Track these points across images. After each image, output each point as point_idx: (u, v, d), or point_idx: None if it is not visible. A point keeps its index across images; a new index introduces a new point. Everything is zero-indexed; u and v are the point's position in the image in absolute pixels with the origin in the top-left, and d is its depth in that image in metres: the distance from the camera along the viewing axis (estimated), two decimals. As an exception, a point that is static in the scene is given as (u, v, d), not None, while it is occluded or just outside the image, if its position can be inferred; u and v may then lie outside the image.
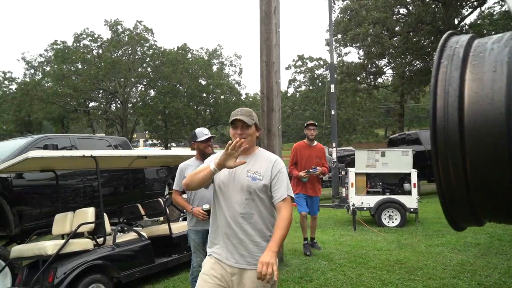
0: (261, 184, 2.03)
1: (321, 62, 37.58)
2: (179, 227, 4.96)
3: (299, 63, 38.78)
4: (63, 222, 4.18)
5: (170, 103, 30.98)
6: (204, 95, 34.87)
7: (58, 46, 32.29)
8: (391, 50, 23.21)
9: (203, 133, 3.47)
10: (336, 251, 5.37)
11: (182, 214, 5.51)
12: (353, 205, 7.20)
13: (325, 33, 31.40)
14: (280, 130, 4.98)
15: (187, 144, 44.24)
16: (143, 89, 34.77)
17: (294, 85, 39.88)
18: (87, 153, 4.08)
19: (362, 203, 7.27)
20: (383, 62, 26.04)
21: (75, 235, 3.91)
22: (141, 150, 15.42)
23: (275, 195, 2.04)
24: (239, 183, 2.04)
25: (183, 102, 32.34)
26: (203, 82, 34.54)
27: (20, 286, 3.83)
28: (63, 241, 3.81)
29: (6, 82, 38.41)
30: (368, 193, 7.38)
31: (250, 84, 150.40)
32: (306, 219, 5.46)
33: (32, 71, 34.94)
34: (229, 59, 37.16)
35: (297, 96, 40.09)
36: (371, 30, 20.80)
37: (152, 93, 34.09)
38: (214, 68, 36.07)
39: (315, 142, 5.56)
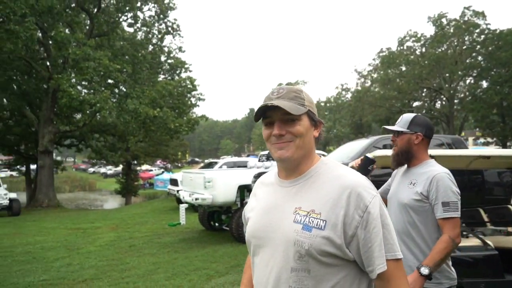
0: (321, 239, 0.96)
1: None
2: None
3: None
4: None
5: (510, 93, 26.03)
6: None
7: (384, 53, 34.85)
8: None
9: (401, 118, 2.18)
10: None
11: None
12: None
13: None
14: None
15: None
16: (472, 81, 31.26)
17: None
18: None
19: None
20: None
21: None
22: (476, 149, 13.95)
23: (366, 264, 0.98)
24: (281, 235, 1.01)
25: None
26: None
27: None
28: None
29: (343, 92, 45.94)
30: None
31: None
32: None
33: (362, 79, 39.66)
34: None
35: None
36: None
37: (485, 84, 29.93)
38: None
39: None
